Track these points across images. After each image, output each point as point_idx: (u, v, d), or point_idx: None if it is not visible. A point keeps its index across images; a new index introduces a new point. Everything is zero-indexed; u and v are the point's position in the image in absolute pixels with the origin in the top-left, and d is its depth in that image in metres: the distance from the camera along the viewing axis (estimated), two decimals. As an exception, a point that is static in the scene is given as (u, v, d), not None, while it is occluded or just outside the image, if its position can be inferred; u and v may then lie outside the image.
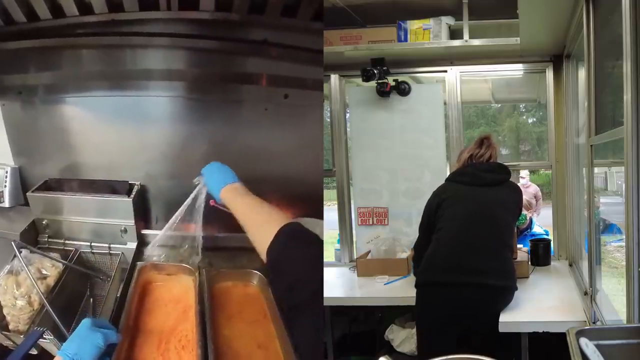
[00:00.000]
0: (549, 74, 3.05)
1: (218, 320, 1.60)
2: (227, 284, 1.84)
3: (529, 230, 3.56)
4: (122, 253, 2.04)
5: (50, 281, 1.72)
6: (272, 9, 1.85)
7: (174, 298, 1.77)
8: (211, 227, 1.92)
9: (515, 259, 2.62)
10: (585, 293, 2.16)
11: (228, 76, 2.07)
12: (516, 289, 2.23)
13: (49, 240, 2.09)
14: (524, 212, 4.48)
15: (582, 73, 2.45)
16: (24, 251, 1.74)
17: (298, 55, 1.96)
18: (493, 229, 2.22)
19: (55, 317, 1.53)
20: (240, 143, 2.13)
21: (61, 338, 1.42)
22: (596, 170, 2.11)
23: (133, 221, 2.10)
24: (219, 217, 1.74)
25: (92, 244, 2.05)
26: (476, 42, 2.85)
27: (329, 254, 3.73)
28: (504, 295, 2.18)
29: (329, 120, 3.32)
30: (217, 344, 1.47)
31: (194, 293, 1.71)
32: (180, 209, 1.80)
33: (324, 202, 2.33)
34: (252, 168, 1.82)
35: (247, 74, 2.05)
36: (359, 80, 3.06)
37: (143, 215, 2.23)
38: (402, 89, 3.13)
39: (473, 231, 2.21)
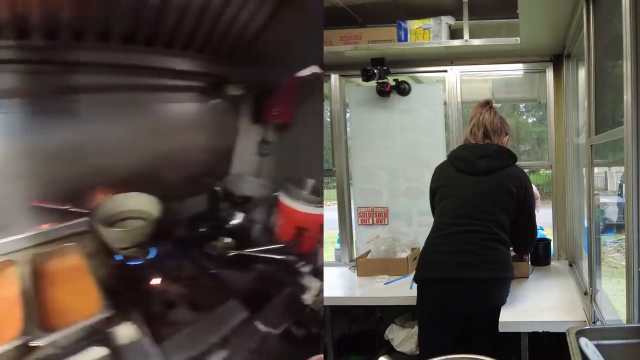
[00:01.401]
0: (549, 74, 3.05)
1: (45, 290, 1.83)
2: (49, 263, 2.02)
3: None
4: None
5: None
6: (88, 36, 2.12)
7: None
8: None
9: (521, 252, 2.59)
10: (585, 293, 2.16)
11: (60, 89, 2.22)
12: (512, 278, 2.21)
13: None
14: None
15: (582, 73, 2.45)
16: None
17: (114, 69, 2.28)
18: (478, 225, 2.17)
19: None
20: (79, 141, 2.27)
21: None
22: (596, 170, 2.11)
23: None
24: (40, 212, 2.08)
25: None
26: (476, 42, 2.85)
27: (329, 254, 3.73)
28: (497, 286, 2.16)
29: (329, 120, 3.32)
30: (44, 306, 1.69)
31: (19, 281, 1.84)
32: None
33: (324, 202, 2.34)
34: (97, 161, 2.22)
35: (74, 87, 2.23)
36: (359, 80, 3.06)
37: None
38: (402, 89, 3.13)
39: (459, 227, 2.19)
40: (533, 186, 2.37)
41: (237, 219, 2.41)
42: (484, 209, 2.19)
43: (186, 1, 2.16)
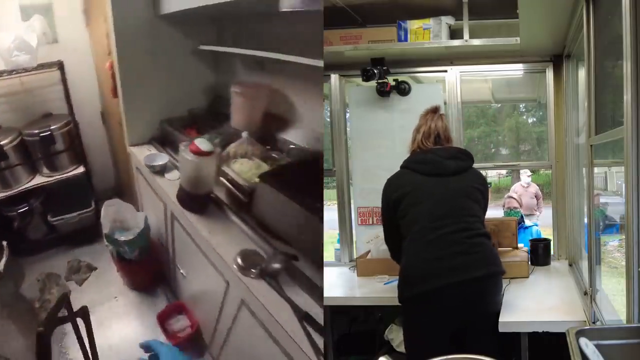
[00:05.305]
0: (549, 74, 3.05)
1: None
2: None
3: (522, 224, 3.74)
4: None
5: None
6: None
7: None
8: None
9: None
10: (585, 293, 2.16)
11: None
12: (503, 272, 2.13)
13: None
14: (519, 209, 4.63)
15: (582, 73, 2.45)
16: None
17: None
18: (462, 223, 2.10)
19: None
20: None
21: None
22: (596, 170, 2.11)
23: None
24: None
25: None
26: (476, 42, 2.85)
27: (328, 254, 3.73)
28: (491, 282, 2.10)
29: (329, 120, 3.32)
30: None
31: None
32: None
33: (324, 202, 2.34)
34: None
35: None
36: (359, 80, 3.06)
37: None
38: (402, 89, 3.13)
39: (441, 230, 2.08)
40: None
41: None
42: (462, 205, 2.15)
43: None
